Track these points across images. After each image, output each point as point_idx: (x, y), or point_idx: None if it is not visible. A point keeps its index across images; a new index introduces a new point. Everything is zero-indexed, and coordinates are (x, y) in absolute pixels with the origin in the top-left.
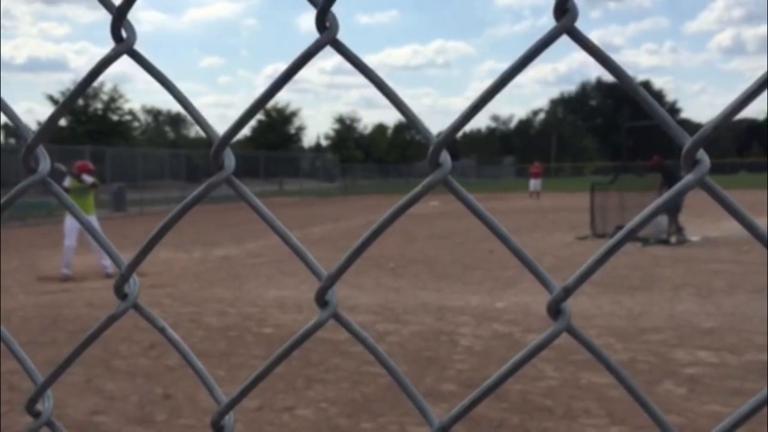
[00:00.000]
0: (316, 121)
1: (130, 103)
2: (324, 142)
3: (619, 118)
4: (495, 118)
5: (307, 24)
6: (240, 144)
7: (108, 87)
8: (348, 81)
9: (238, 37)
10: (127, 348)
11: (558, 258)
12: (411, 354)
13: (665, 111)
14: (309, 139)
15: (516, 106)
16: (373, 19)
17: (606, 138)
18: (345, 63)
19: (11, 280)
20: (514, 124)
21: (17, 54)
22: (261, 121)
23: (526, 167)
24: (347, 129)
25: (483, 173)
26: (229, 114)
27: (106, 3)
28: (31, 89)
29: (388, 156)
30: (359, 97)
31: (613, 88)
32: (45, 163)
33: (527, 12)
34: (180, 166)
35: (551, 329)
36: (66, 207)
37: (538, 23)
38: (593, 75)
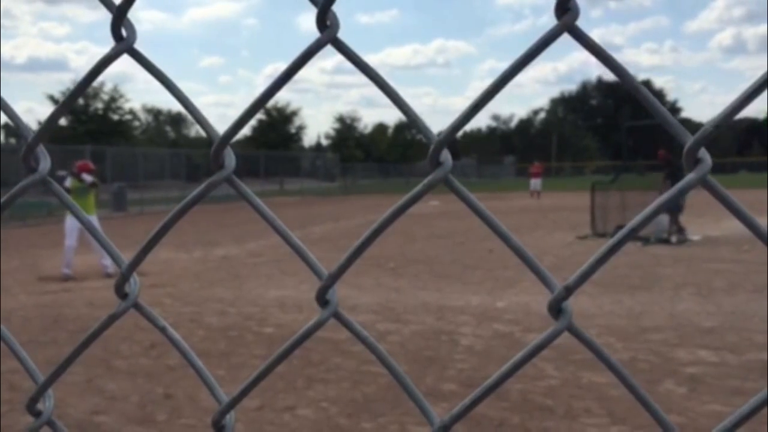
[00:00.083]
0: (316, 121)
1: (130, 103)
2: (324, 141)
3: (620, 117)
4: (495, 117)
5: (308, 24)
6: (240, 144)
7: (108, 87)
8: (348, 80)
9: (238, 37)
10: (128, 348)
11: (558, 257)
12: (411, 353)
13: (666, 110)
14: (309, 139)
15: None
16: (374, 19)
17: (607, 137)
18: (345, 62)
19: (12, 279)
20: (514, 123)
21: (17, 54)
22: (261, 121)
23: (526, 167)
24: (348, 128)
25: (483, 173)
26: (230, 113)
27: (106, 2)
28: (32, 89)
29: (388, 155)
30: (359, 97)
31: (614, 87)
32: (45, 163)
33: (527, 11)
34: (180, 165)
35: (552, 328)
36: (66, 206)
37: (538, 22)
38: (594, 74)
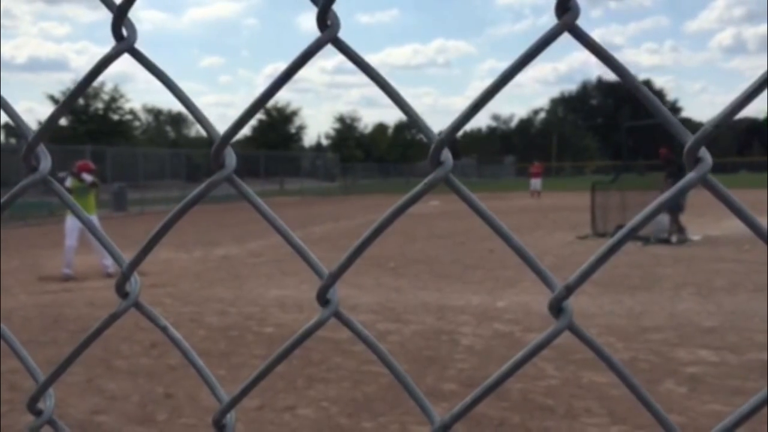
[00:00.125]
0: (316, 121)
1: (130, 103)
2: (324, 141)
3: (620, 117)
4: (496, 117)
5: (308, 23)
6: (240, 143)
7: (109, 87)
8: (348, 80)
9: (238, 37)
10: (129, 347)
11: (559, 257)
12: (412, 353)
13: (667, 109)
14: (309, 139)
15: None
16: (374, 19)
17: (607, 137)
18: (345, 62)
19: (12, 279)
20: (514, 123)
21: (18, 54)
22: (261, 121)
23: (526, 167)
24: (348, 128)
25: (483, 173)
26: (230, 113)
27: (107, 2)
28: (32, 89)
29: (388, 155)
30: (360, 97)
31: (614, 87)
32: (46, 162)
33: (528, 11)
34: (180, 165)
35: (553, 327)
36: (67, 205)
37: (538, 22)
38: (594, 74)
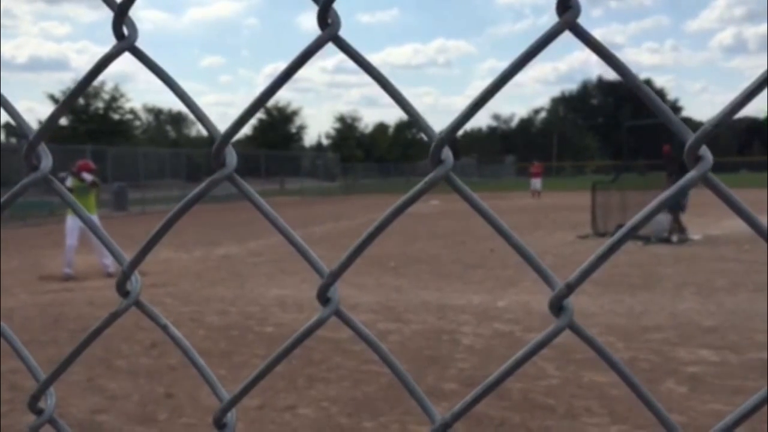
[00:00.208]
0: (317, 120)
1: (131, 103)
2: (325, 141)
3: (621, 116)
4: (496, 117)
5: (308, 23)
6: (241, 143)
7: (109, 86)
8: (349, 80)
9: (238, 37)
10: (129, 347)
11: (559, 257)
12: (412, 353)
13: (668, 107)
14: (310, 138)
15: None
16: (374, 18)
17: (607, 137)
18: (346, 62)
19: (13, 279)
20: (515, 123)
21: (18, 53)
22: (262, 120)
23: (527, 166)
24: (348, 128)
25: (484, 172)
26: (230, 113)
27: (107, 1)
28: (33, 89)
29: (389, 155)
30: (360, 96)
31: (615, 86)
32: (47, 161)
33: (528, 11)
34: (181, 165)
35: (553, 326)
36: (68, 204)
37: (539, 22)
38: (594, 74)
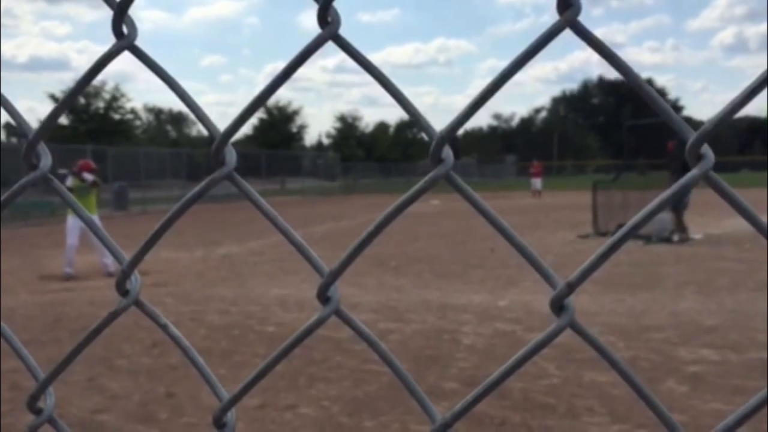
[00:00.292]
0: (317, 120)
1: (131, 102)
2: (326, 140)
3: (621, 116)
4: (497, 116)
5: (309, 22)
6: (241, 142)
7: (110, 86)
8: (350, 79)
9: (239, 36)
10: (130, 347)
11: (560, 256)
12: (413, 352)
13: (669, 106)
14: (311, 138)
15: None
16: (375, 18)
17: (608, 136)
18: (347, 61)
19: (14, 279)
20: (515, 122)
21: (19, 53)
22: (263, 120)
23: (527, 166)
24: (349, 127)
25: (484, 172)
26: (231, 112)
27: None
28: (33, 88)
29: (389, 155)
30: (361, 96)
31: (615, 85)
32: (47, 160)
33: (529, 10)
34: (181, 164)
35: (554, 325)
36: (68, 203)
37: (539, 21)
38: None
